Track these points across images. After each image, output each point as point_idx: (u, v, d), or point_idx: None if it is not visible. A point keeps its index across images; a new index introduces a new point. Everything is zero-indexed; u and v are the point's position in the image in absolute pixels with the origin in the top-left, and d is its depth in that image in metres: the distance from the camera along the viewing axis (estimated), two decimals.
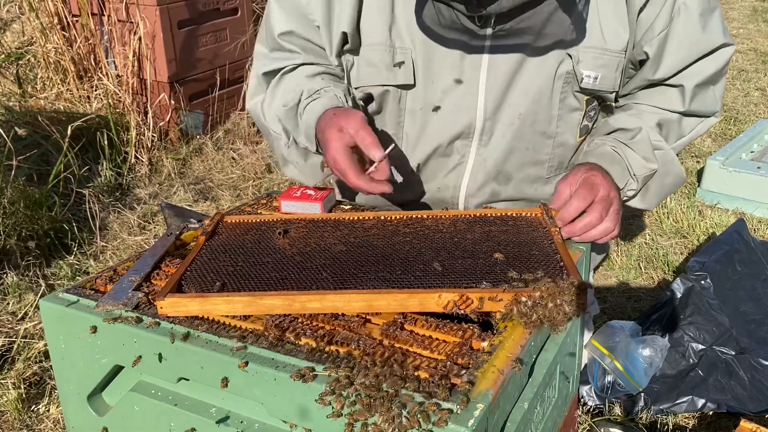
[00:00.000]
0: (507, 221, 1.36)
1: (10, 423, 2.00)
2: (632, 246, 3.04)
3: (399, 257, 1.21)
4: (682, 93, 1.54)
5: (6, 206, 2.78)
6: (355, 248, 1.26)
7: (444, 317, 1.08)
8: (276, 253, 1.25)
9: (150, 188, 3.47)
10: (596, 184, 1.36)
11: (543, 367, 1.10)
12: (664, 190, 1.61)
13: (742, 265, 2.27)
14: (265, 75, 1.61)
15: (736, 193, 3.33)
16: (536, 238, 1.28)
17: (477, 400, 0.89)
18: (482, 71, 1.50)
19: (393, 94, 1.56)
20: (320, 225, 1.38)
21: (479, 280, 1.11)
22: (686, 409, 1.98)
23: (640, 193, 1.58)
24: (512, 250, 1.23)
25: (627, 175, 1.51)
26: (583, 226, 1.33)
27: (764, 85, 5.19)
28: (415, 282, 1.11)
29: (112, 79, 3.73)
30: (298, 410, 0.97)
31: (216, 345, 1.03)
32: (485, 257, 1.20)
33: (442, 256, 1.21)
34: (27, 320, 2.37)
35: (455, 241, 1.28)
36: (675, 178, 1.60)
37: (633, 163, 1.52)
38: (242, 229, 1.38)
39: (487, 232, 1.31)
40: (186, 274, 1.18)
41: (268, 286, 1.12)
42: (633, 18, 1.47)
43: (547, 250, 1.23)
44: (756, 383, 1.99)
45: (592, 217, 1.33)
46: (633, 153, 1.52)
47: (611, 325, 2.06)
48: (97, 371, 1.15)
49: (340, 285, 1.11)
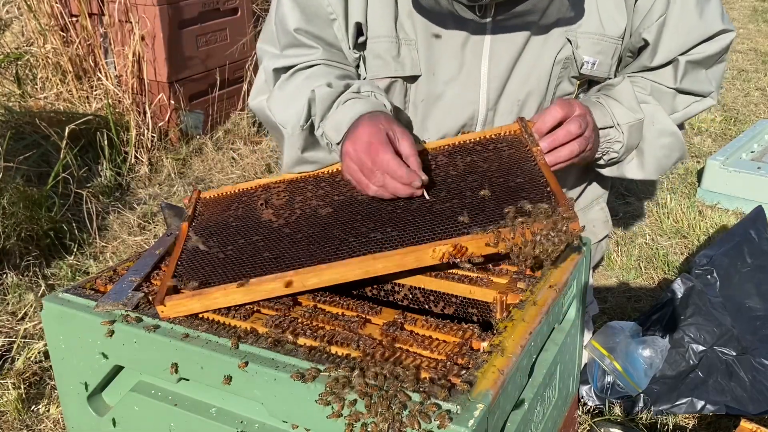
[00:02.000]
0: (487, 146, 1.33)
1: (10, 423, 2.00)
2: (632, 246, 3.03)
3: (387, 211, 1.19)
4: (675, 69, 1.53)
5: (6, 206, 2.78)
6: (341, 209, 1.23)
7: (444, 317, 1.07)
8: (263, 228, 1.23)
9: (150, 188, 3.47)
10: (573, 103, 1.35)
11: (543, 367, 1.10)
12: (662, 154, 1.56)
13: (753, 257, 2.23)
14: (275, 71, 1.57)
15: (737, 193, 3.33)
16: (519, 161, 1.25)
17: (477, 400, 0.89)
18: (484, 60, 1.50)
19: (399, 87, 1.56)
20: (300, 185, 1.35)
21: (469, 225, 1.10)
22: (685, 411, 1.98)
23: (636, 160, 1.54)
24: (497, 182, 1.20)
25: (609, 119, 1.47)
26: (562, 134, 1.30)
27: (764, 85, 5.19)
28: (408, 238, 1.10)
29: (111, 80, 3.73)
30: (298, 410, 0.97)
31: (216, 345, 1.03)
32: (472, 195, 1.18)
33: (429, 201, 1.19)
34: (27, 320, 2.37)
35: (440, 179, 1.25)
36: (671, 139, 1.55)
37: (615, 112, 1.48)
38: (223, 205, 1.34)
39: (469, 164, 1.28)
40: (178, 269, 1.16)
41: (263, 269, 1.11)
42: (630, 4, 1.49)
43: (531, 174, 1.20)
44: (757, 384, 1.98)
45: (572, 126, 1.31)
46: (615, 102, 1.49)
47: (611, 326, 2.05)
48: (97, 371, 1.15)
49: (334, 255, 1.10)
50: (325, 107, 1.44)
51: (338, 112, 1.41)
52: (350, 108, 1.39)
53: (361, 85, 1.46)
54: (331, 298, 1.15)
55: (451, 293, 1.18)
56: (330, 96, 1.44)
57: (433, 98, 1.55)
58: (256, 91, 1.63)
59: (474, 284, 1.16)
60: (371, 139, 1.25)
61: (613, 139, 1.48)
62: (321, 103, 1.44)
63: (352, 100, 1.42)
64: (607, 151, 1.51)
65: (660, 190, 3.55)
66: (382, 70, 1.54)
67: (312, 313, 1.10)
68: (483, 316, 1.17)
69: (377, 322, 1.07)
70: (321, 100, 1.44)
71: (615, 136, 1.48)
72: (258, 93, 1.62)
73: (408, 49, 1.51)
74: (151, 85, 3.76)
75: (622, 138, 1.49)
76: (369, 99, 1.42)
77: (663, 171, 1.60)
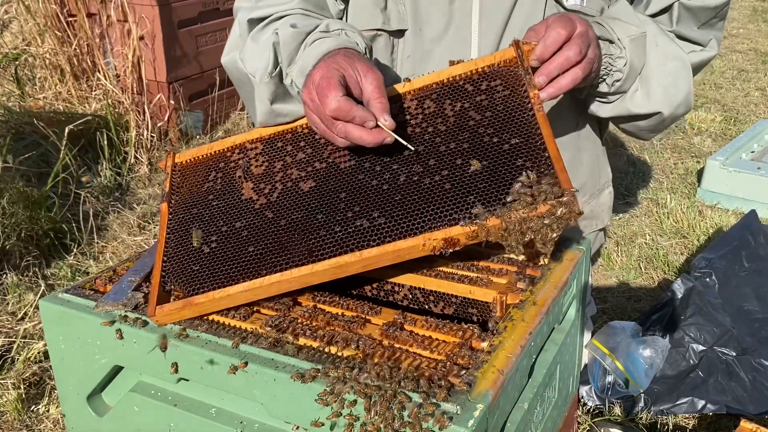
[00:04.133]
0: (479, 84, 1.19)
1: (10, 423, 1.99)
2: (632, 246, 3.03)
3: (372, 188, 1.12)
4: (670, 15, 1.46)
5: (6, 206, 2.78)
6: (323, 182, 1.16)
7: (444, 317, 1.07)
8: (245, 211, 1.18)
9: (150, 188, 3.47)
10: (573, 20, 1.20)
11: (543, 367, 1.10)
12: (668, 82, 1.41)
13: (750, 261, 2.25)
14: (250, 22, 1.46)
15: (737, 193, 3.33)
16: (514, 111, 1.13)
17: (477, 400, 0.88)
18: (474, 17, 1.45)
19: (385, 42, 1.50)
20: (278, 146, 1.27)
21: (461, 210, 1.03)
22: (686, 411, 1.98)
23: (641, 90, 1.41)
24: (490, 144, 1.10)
25: (607, 33, 1.34)
26: (560, 63, 1.17)
27: (764, 85, 5.19)
28: (396, 227, 1.05)
29: (110, 80, 3.73)
30: (298, 410, 0.97)
31: (216, 345, 1.03)
32: (463, 164, 1.09)
33: (416, 169, 1.11)
34: (27, 320, 2.37)
35: (428, 136, 1.15)
36: (677, 63, 1.41)
37: (615, 27, 1.35)
38: (200, 174, 1.28)
39: (459, 114, 1.16)
40: (165, 267, 1.15)
41: (249, 269, 1.09)
42: None
43: (528, 132, 1.09)
44: (757, 384, 1.98)
45: (571, 51, 1.17)
46: (613, 20, 1.37)
47: (612, 326, 2.05)
48: (97, 371, 1.15)
49: (320, 249, 1.07)
50: (291, 50, 1.32)
51: (305, 53, 1.29)
52: (316, 48, 1.26)
53: (330, 23, 1.34)
54: (330, 298, 1.15)
55: (451, 293, 1.18)
56: (295, 37, 1.32)
57: (420, 55, 1.49)
58: (229, 48, 1.52)
59: (474, 284, 1.16)
60: (321, 82, 1.12)
61: (615, 56, 1.34)
62: (286, 46, 1.32)
63: (320, 39, 1.29)
64: (609, 71, 1.36)
65: (660, 190, 3.55)
66: (368, 21, 1.47)
67: (312, 313, 1.10)
68: (483, 316, 1.16)
69: (377, 322, 1.07)
70: (286, 43, 1.32)
71: (617, 53, 1.34)
72: (231, 49, 1.49)
73: (395, 3, 1.46)
74: (151, 85, 3.75)
75: (624, 54, 1.34)
76: (338, 37, 1.29)
77: (672, 104, 1.43)
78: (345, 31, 1.31)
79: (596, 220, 1.78)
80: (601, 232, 1.86)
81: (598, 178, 1.75)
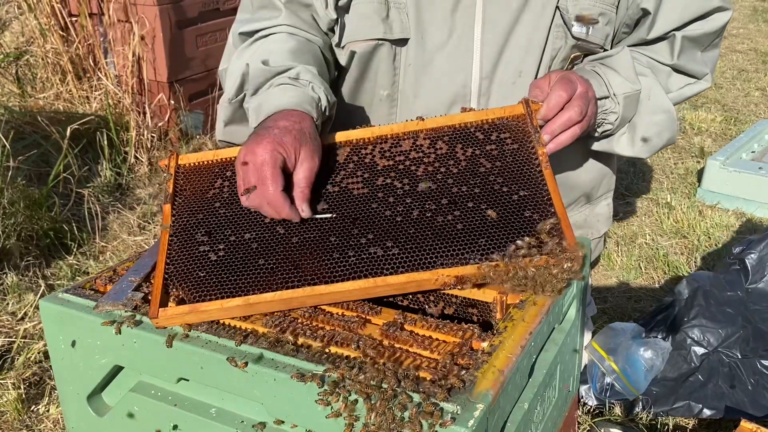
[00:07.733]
0: (489, 134, 1.26)
1: (10, 423, 2.00)
2: (632, 246, 3.03)
3: (385, 218, 1.16)
4: (672, 44, 1.50)
5: (6, 206, 2.78)
6: (336, 207, 1.19)
7: (444, 317, 1.07)
8: (254, 223, 1.19)
9: (150, 188, 3.47)
10: (574, 81, 1.30)
11: (543, 367, 1.10)
12: (653, 132, 1.50)
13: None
14: (240, 35, 1.51)
15: (737, 193, 3.33)
16: (523, 165, 1.20)
17: (477, 400, 0.89)
18: (477, 26, 1.45)
19: (387, 51, 1.50)
20: None
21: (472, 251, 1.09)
22: (682, 414, 1.96)
23: (627, 135, 1.50)
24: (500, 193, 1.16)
25: (605, 89, 1.42)
26: (563, 122, 1.26)
27: (764, 85, 5.19)
28: (409, 259, 1.09)
29: (111, 79, 3.73)
30: (298, 410, 0.97)
31: (216, 345, 1.03)
32: (474, 208, 1.15)
33: (429, 206, 1.16)
34: (27, 320, 2.37)
35: (441, 176, 1.21)
36: (664, 117, 1.49)
37: (612, 81, 1.42)
38: (205, 180, 1.28)
39: (470, 160, 1.22)
40: (168, 270, 1.14)
41: (260, 281, 1.10)
42: None
43: (535, 186, 1.17)
44: (759, 388, 1.96)
45: (573, 112, 1.27)
46: (612, 72, 1.44)
47: (613, 327, 2.05)
48: (97, 371, 1.15)
49: (333, 273, 1.09)
50: (258, 84, 1.36)
51: (268, 93, 1.32)
52: (279, 96, 1.30)
53: (302, 71, 1.36)
54: None
55: (451, 293, 1.18)
56: (264, 74, 1.36)
57: (422, 64, 1.50)
58: (224, 58, 1.57)
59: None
60: (264, 167, 1.15)
61: (608, 110, 1.44)
62: (254, 79, 1.37)
63: (285, 85, 1.32)
64: (602, 123, 1.46)
65: (660, 190, 3.55)
66: (369, 31, 1.47)
67: (312, 313, 1.10)
68: (483, 316, 1.16)
69: (377, 322, 1.07)
70: (254, 77, 1.37)
71: (611, 107, 1.44)
72: (224, 60, 1.57)
73: (398, 12, 1.46)
74: (151, 85, 3.76)
75: (617, 109, 1.44)
76: (304, 90, 1.32)
77: (652, 150, 1.54)
78: (313, 85, 1.34)
79: (591, 229, 1.79)
80: (600, 241, 1.87)
81: (597, 187, 1.76)
